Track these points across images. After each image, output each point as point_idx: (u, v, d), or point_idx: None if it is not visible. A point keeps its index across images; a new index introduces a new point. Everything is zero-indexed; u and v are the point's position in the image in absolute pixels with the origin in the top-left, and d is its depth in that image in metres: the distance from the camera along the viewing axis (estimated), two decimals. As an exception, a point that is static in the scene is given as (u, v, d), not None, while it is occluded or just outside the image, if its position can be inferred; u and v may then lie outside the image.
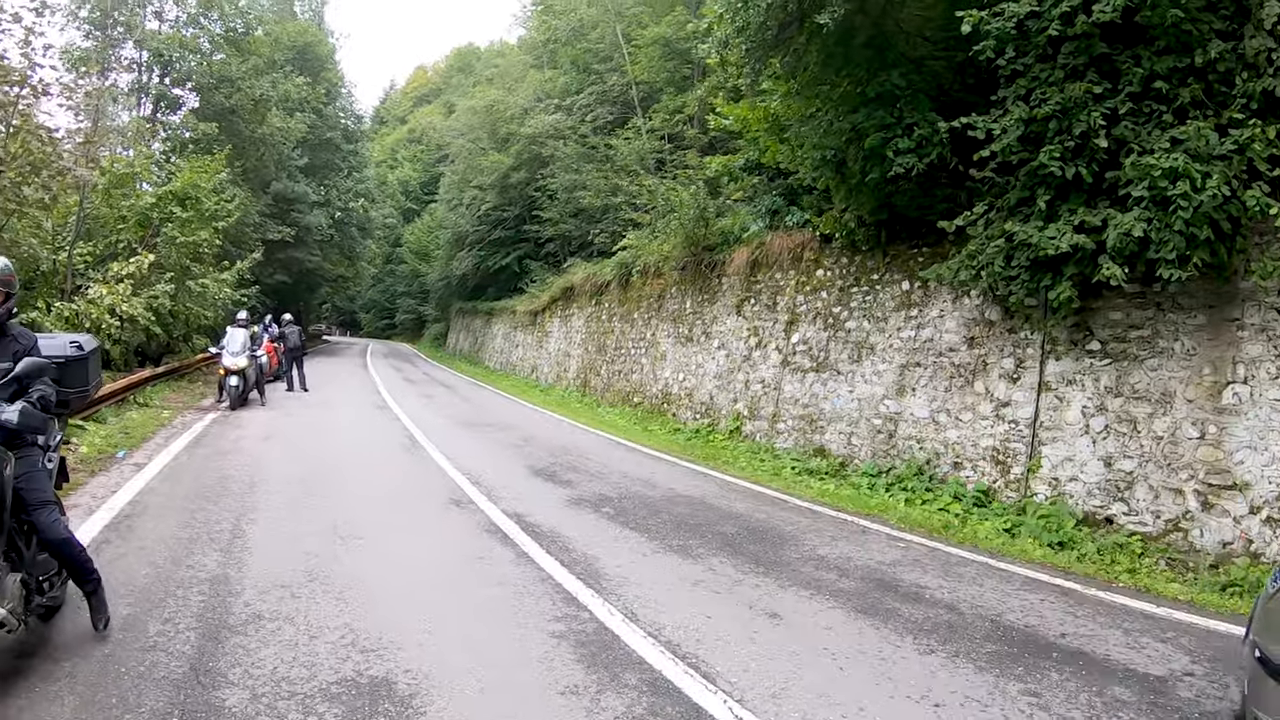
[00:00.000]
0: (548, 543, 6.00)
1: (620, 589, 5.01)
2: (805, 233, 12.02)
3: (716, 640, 4.25)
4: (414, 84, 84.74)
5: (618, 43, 23.68)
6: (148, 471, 8.02)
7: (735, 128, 13.60)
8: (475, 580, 5.12)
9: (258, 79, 24.59)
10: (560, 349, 22.61)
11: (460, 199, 36.16)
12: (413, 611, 4.48)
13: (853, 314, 10.51)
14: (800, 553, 6.11)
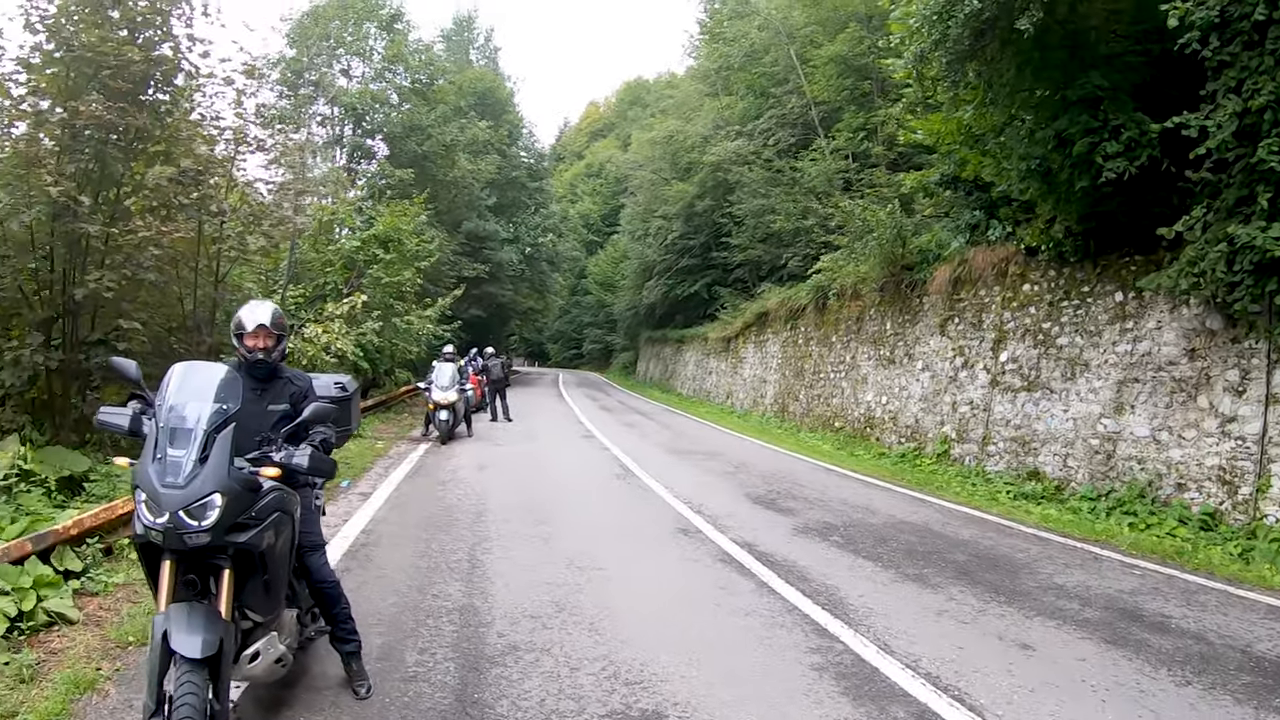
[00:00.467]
0: (784, 572, 6.29)
1: (868, 619, 5.20)
2: (1008, 246, 12.30)
3: (974, 672, 4.39)
4: (587, 120, 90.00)
5: (792, 64, 24.60)
6: (374, 501, 8.84)
7: (927, 142, 14.06)
8: (723, 610, 5.37)
9: (445, 126, 27.87)
10: (756, 374, 23.62)
11: (644, 229, 38.33)
12: (668, 643, 4.72)
13: (1063, 329, 10.73)
14: (1037, 581, 6.27)
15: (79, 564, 5.73)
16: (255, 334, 3.91)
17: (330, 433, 3.84)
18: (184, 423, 3.23)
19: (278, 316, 3.98)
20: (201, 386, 3.36)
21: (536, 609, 5.29)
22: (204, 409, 3.26)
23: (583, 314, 64.07)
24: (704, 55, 34.05)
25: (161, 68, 9.50)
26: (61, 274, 9.07)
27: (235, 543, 3.17)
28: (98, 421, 3.52)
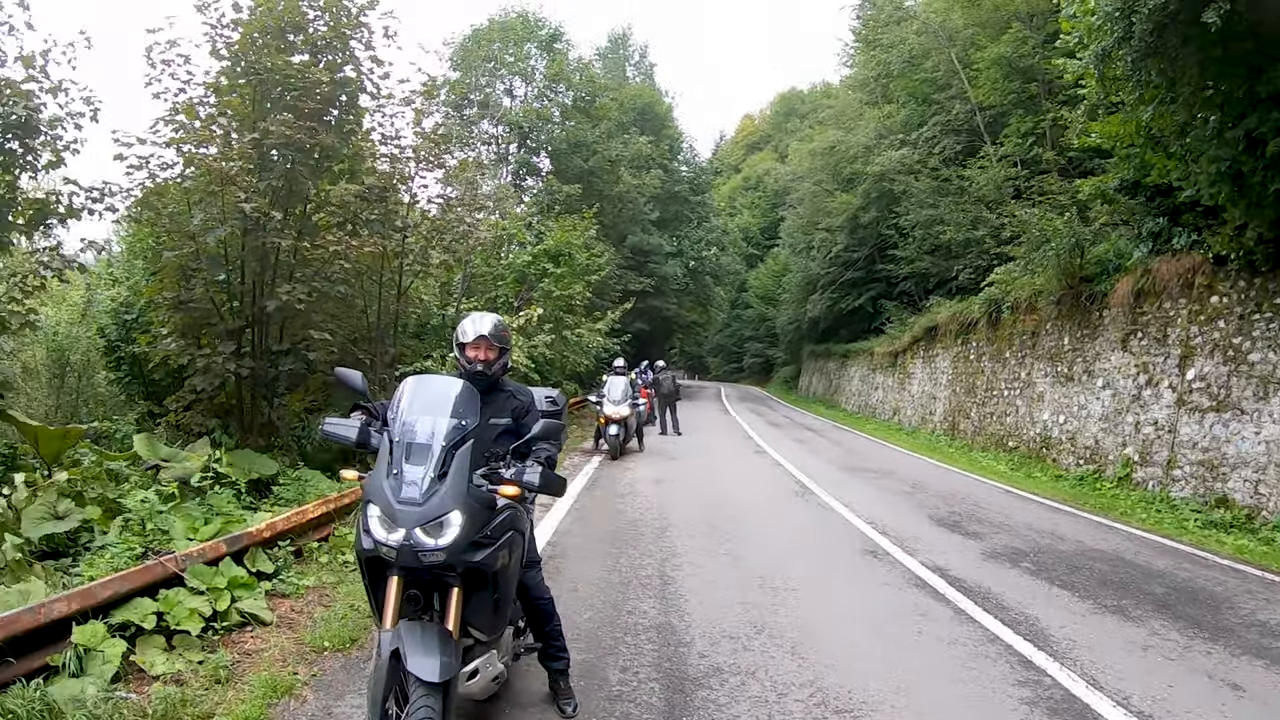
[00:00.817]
0: (980, 599, 6.34)
1: (1072, 652, 5.20)
2: (1194, 255, 12.00)
3: (1187, 712, 4.37)
4: (743, 132, 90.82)
5: (954, 68, 24.36)
6: (555, 514, 9.16)
7: (1105, 145, 13.86)
8: (925, 638, 5.44)
9: (609, 141, 29.52)
10: (924, 391, 23.53)
11: (807, 242, 38.62)
12: (872, 670, 4.78)
13: (1255, 344, 10.46)
14: (1239, 617, 6.16)
15: (270, 566, 6.03)
16: (476, 345, 3.91)
17: (554, 449, 3.80)
18: (421, 437, 3.30)
19: (500, 328, 3.98)
20: (437, 400, 3.44)
21: (734, 629, 5.42)
22: (441, 424, 3.33)
23: (743, 328, 64.75)
24: (861, 63, 34.03)
25: (346, 89, 10.14)
26: (252, 286, 9.80)
27: (470, 562, 3.19)
28: (323, 432, 3.53)
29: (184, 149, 9.44)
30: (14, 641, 3.95)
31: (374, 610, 3.34)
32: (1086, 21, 10.28)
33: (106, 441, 10.01)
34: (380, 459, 3.31)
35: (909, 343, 25.25)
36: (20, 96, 8.13)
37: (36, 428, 8.01)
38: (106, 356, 13.84)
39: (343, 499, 7.54)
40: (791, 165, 54.70)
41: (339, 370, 3.76)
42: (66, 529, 5.98)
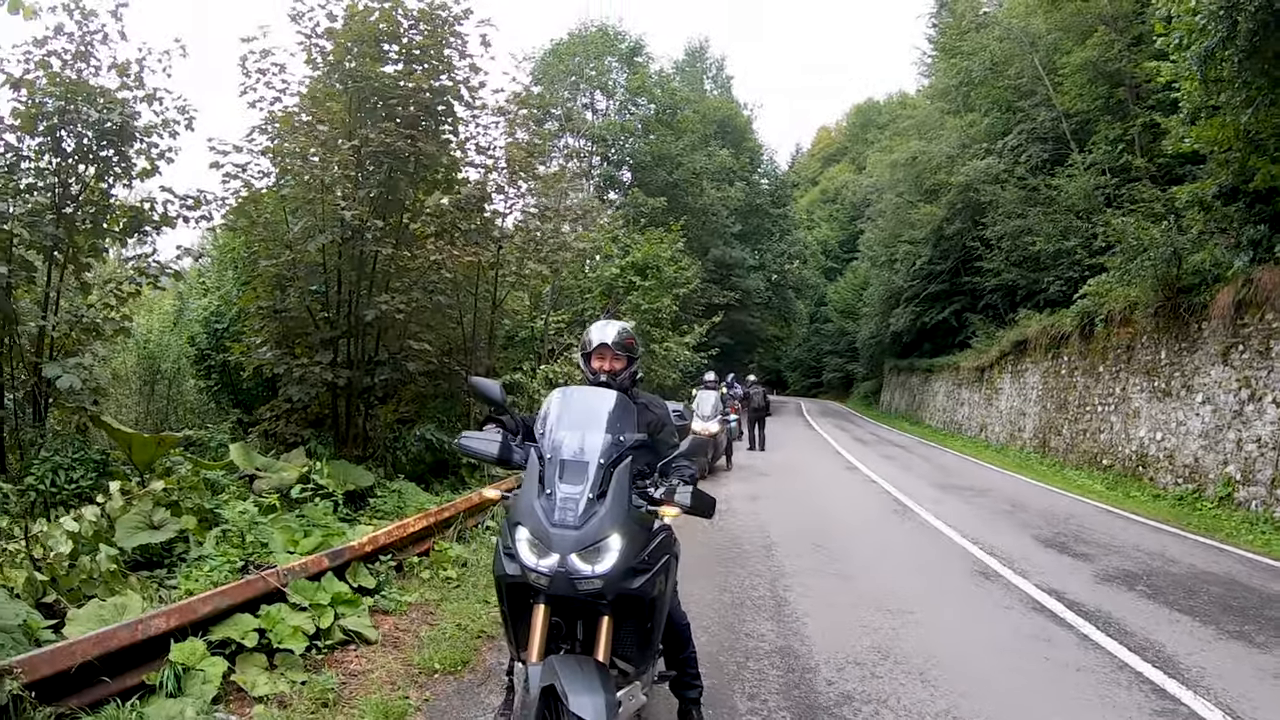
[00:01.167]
0: (1101, 624, 6.22)
1: (1203, 680, 5.10)
2: (1302, 265, 11.68)
3: None
4: (819, 145, 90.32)
5: (1038, 74, 23.92)
6: None
7: (1202, 150, 13.53)
8: (1053, 664, 5.35)
9: (693, 154, 29.79)
10: (1013, 406, 23.04)
11: (889, 255, 38.23)
12: (1006, 699, 4.72)
13: (1369, 359, 10.10)
14: None
15: (372, 581, 5.88)
16: (600, 354, 3.73)
17: (695, 467, 3.51)
18: (575, 454, 3.10)
19: (624, 336, 3.78)
20: (590, 414, 3.26)
21: (858, 654, 5.34)
22: (595, 439, 3.14)
23: (821, 342, 64.15)
24: (940, 72, 33.68)
25: (443, 97, 10.16)
26: (349, 295, 9.78)
27: (628, 589, 2.95)
28: (461, 447, 3.35)
29: (280, 157, 9.57)
30: (109, 658, 3.78)
31: (510, 639, 3.18)
32: (1189, 22, 10.14)
33: (200, 449, 10.07)
34: (529, 478, 3.09)
35: (996, 357, 24.76)
36: (115, 104, 8.25)
37: (131, 434, 7.95)
38: (197, 365, 14.02)
39: (442, 512, 7.53)
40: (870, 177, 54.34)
41: (474, 380, 3.74)
42: (162, 539, 5.88)
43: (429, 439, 10.47)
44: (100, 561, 5.07)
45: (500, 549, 3.09)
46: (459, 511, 7.72)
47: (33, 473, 7.20)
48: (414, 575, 6.57)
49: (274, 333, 10.12)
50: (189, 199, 9.13)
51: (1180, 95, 14.10)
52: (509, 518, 3.10)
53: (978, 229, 27.49)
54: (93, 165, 8.53)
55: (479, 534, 7.97)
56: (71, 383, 7.59)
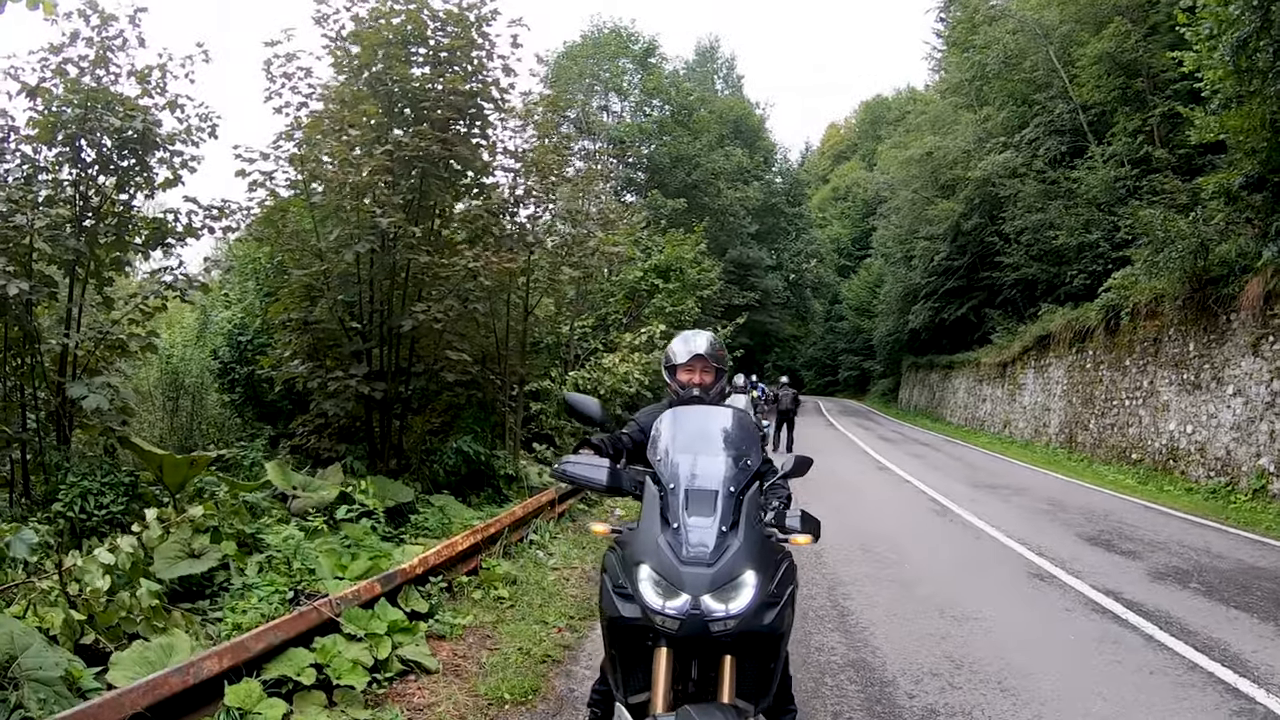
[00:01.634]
0: (1163, 623, 6.23)
1: (1274, 678, 5.11)
2: (1334, 255, 11.71)
3: None
4: (829, 142, 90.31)
5: (1054, 66, 23.91)
6: None
7: (1230, 140, 13.52)
8: (1125, 668, 5.33)
9: (711, 154, 29.84)
10: (1037, 402, 23.04)
11: (904, 252, 38.25)
12: (1089, 705, 4.69)
13: (1406, 348, 10.12)
14: None
15: (425, 605, 5.60)
16: (690, 367, 3.54)
17: (789, 488, 3.31)
18: (700, 481, 2.81)
19: (716, 347, 3.60)
20: (707, 435, 3.04)
21: (933, 665, 5.27)
22: (719, 464, 2.88)
23: (836, 340, 64.13)
24: (953, 66, 33.67)
25: (475, 100, 9.87)
26: (382, 305, 9.45)
27: (760, 627, 2.67)
28: (564, 474, 3.02)
29: (310, 163, 9.17)
30: (160, 706, 3.52)
31: (616, 682, 2.90)
32: (1220, 13, 10.12)
33: (232, 469, 9.68)
34: (648, 510, 2.80)
35: (1019, 352, 24.77)
36: (137, 111, 7.94)
37: (162, 455, 7.54)
38: (220, 379, 13.74)
39: (488, 529, 7.32)
40: (883, 173, 54.32)
41: (571, 396, 3.44)
42: (203, 569, 5.58)
43: (465, 451, 10.37)
44: (141, 597, 4.71)
45: (609, 588, 2.81)
46: (504, 526, 7.61)
47: (60, 499, 6.83)
48: (465, 596, 6.30)
49: (304, 345, 9.80)
50: (213, 209, 8.83)
51: (1203, 85, 14.13)
52: (625, 554, 2.81)
53: (996, 224, 27.52)
54: (113, 176, 8.26)
55: (524, 549, 7.88)
56: (98, 403, 7.30)
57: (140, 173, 8.39)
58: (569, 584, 7.06)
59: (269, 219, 9.40)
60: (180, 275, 8.78)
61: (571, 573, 7.47)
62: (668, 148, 28.92)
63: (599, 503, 10.99)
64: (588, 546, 8.35)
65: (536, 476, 11.36)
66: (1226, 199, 14.32)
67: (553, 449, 14.13)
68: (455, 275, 9.53)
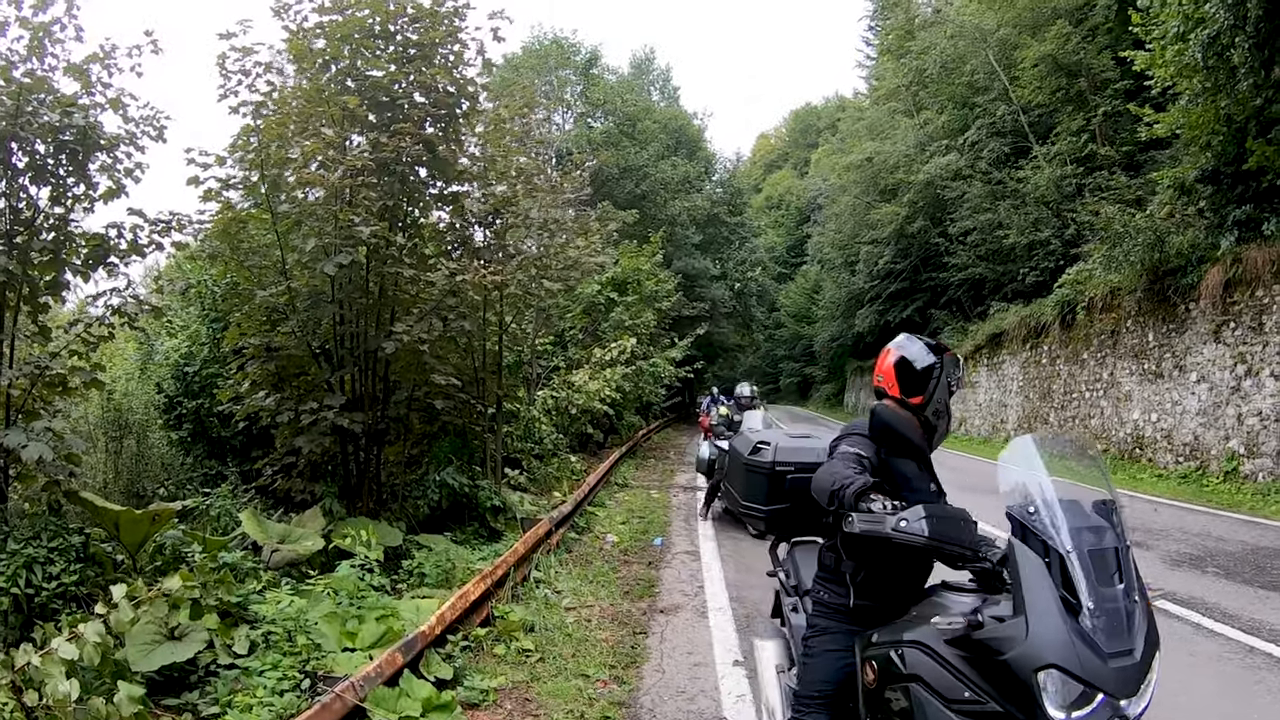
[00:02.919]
0: (1205, 610, 6.37)
1: None
2: (1289, 242, 12.19)
3: None
4: (760, 152, 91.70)
5: (994, 70, 24.62)
6: (706, 559, 8.82)
7: (1184, 134, 14.00)
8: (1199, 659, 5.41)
9: (659, 164, 29.76)
10: (993, 399, 23.54)
11: (846, 257, 38.87)
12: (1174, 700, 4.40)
13: (1373, 327, 10.55)
14: None
15: (449, 670, 5.03)
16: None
17: None
18: (1095, 538, 2.27)
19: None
20: (1073, 470, 2.52)
21: None
22: (1093, 511, 2.38)
23: (776, 347, 64.86)
24: (889, 73, 34.46)
25: (454, 98, 9.05)
26: (358, 326, 8.45)
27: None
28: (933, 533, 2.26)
29: (275, 166, 8.29)
30: None
31: None
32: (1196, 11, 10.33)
33: (197, 519, 8.52)
34: (1034, 585, 2.17)
35: (970, 350, 25.24)
36: (76, 108, 6.86)
37: (118, 511, 6.56)
38: (165, 415, 12.32)
39: (496, 571, 6.75)
40: (816, 179, 55.28)
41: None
42: (187, 654, 4.69)
43: (450, 483, 9.49)
44: (120, 703, 3.89)
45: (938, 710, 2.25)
46: (509, 567, 7.12)
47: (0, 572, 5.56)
48: (486, 652, 5.70)
49: (266, 375, 8.62)
50: (160, 222, 7.56)
51: (1153, 83, 14.66)
52: (1033, 662, 2.08)
53: (941, 225, 28.13)
54: (48, 185, 7.07)
55: (531, 590, 7.31)
56: (40, 451, 6.09)
57: (79, 181, 7.15)
58: (592, 626, 6.49)
59: (226, 232, 8.35)
60: (129, 298, 7.55)
61: (590, 612, 6.90)
62: (616, 158, 28.75)
63: (588, 529, 10.58)
64: (597, 580, 7.92)
65: (519, 504, 10.54)
66: (1180, 192, 14.82)
67: (524, 473, 13.34)
68: (435, 291, 8.76)
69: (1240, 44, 9.59)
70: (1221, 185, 13.95)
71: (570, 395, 15.71)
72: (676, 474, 17.72)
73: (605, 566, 8.46)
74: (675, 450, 23.80)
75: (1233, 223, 13.51)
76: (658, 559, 8.96)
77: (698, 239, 35.51)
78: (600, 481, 13.99)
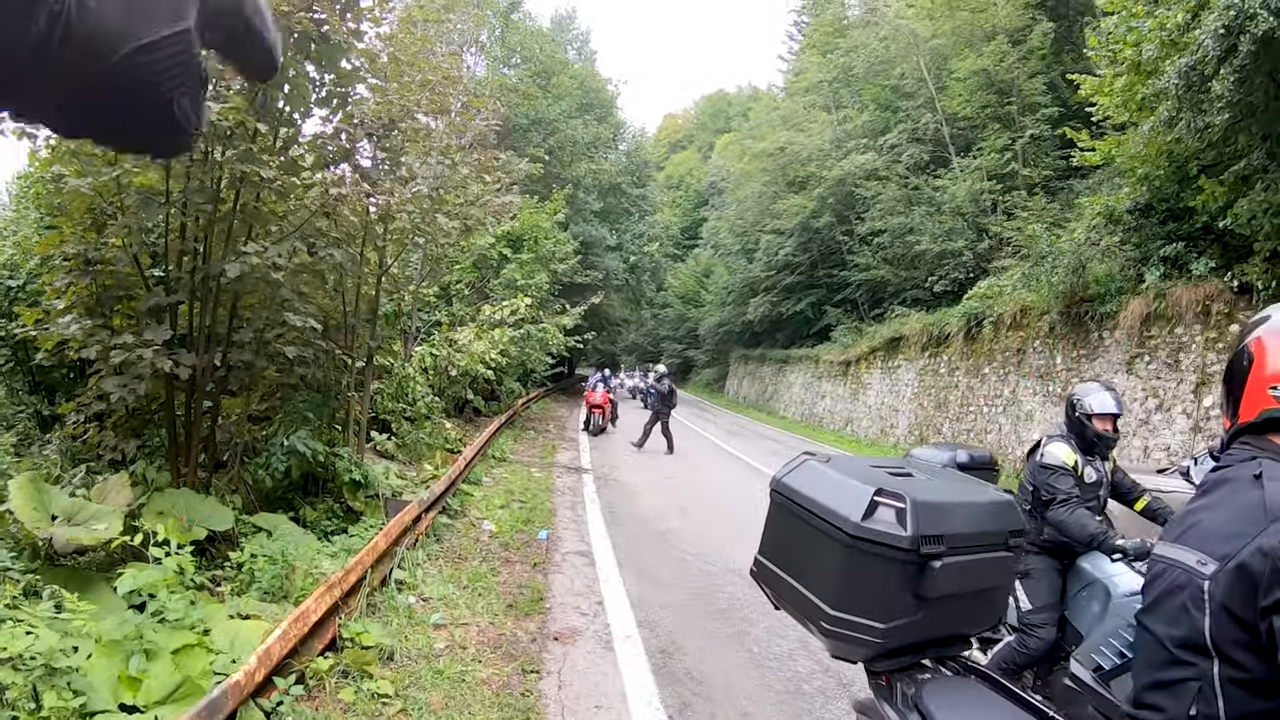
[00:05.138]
0: None
1: None
2: (1214, 283, 12.14)
3: None
4: (665, 131, 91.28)
5: (923, 77, 24.48)
6: (603, 564, 7.60)
7: (1125, 163, 13.86)
8: None
9: (570, 121, 28.23)
10: (883, 402, 23.48)
11: (743, 244, 38.52)
12: None
13: (1299, 377, 10.51)
14: None
15: None
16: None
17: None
18: None
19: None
20: None
21: None
22: None
23: (659, 326, 64.49)
24: (812, 67, 34.12)
25: None
26: (199, 241, 6.90)
27: None
28: None
29: None
30: None
31: None
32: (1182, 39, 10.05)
33: None
34: None
35: (865, 351, 25.17)
36: None
37: None
38: None
39: (348, 577, 5.17)
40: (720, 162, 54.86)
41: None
42: None
43: (301, 450, 7.66)
44: None
45: None
46: (366, 569, 5.55)
47: None
48: (328, 696, 4.19)
49: (85, 294, 6.91)
50: None
51: (1095, 110, 14.51)
52: None
53: (847, 224, 27.97)
54: None
55: (391, 597, 5.76)
56: None
57: None
58: (469, 656, 5.08)
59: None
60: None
61: (466, 633, 5.49)
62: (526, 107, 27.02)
63: (461, 513, 9.20)
64: (474, 585, 6.52)
65: (384, 478, 8.95)
66: (1109, 220, 14.72)
67: (392, 438, 11.99)
68: (304, 209, 7.25)
69: (1225, 75, 9.26)
70: (1151, 219, 13.91)
71: (451, 355, 14.17)
72: (558, 450, 16.37)
73: (483, 566, 7.16)
74: (556, 424, 22.47)
75: (1159, 258, 13.46)
76: (544, 559, 7.69)
77: (598, 206, 34.19)
78: (477, 454, 12.55)
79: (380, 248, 9.46)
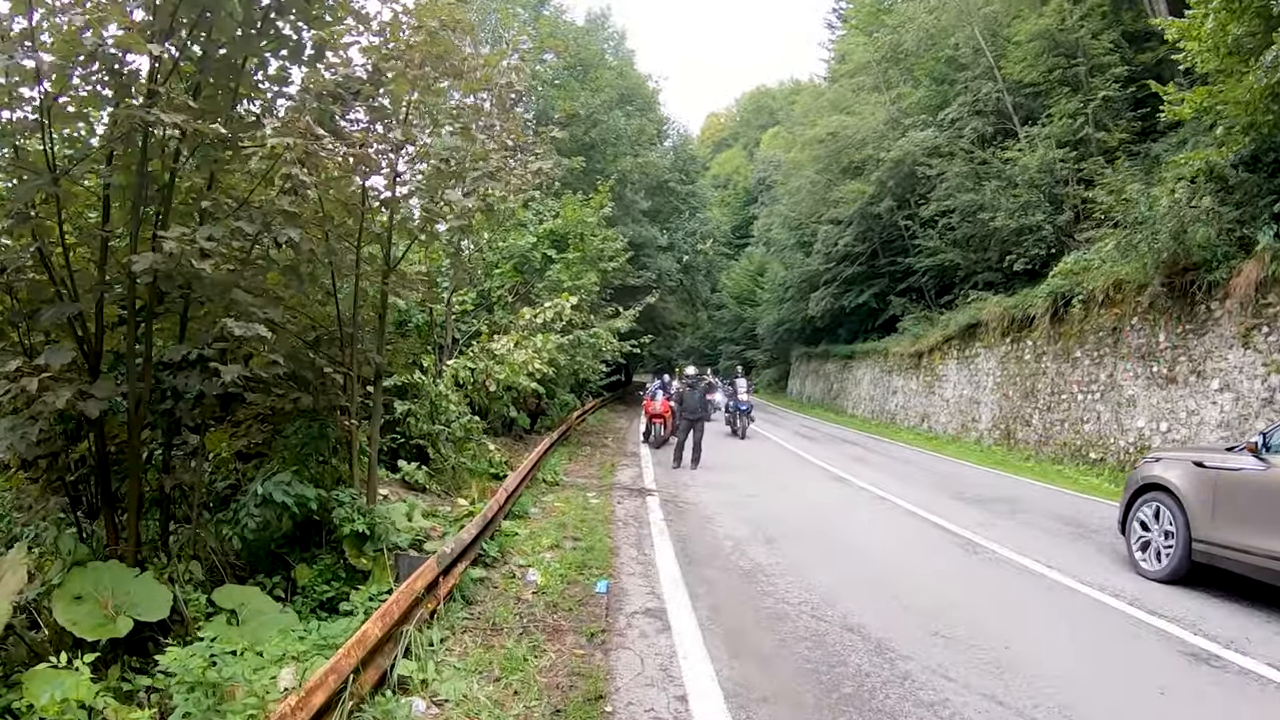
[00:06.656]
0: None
1: None
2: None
3: None
4: (709, 131, 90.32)
5: (980, 46, 23.02)
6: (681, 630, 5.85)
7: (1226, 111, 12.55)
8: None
9: (611, 113, 27.36)
10: (962, 395, 22.09)
11: (799, 238, 37.24)
12: None
13: None
14: None
15: None
16: None
17: None
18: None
19: None
20: None
21: None
22: None
23: (716, 329, 63.31)
24: (858, 49, 32.78)
25: None
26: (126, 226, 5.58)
27: None
28: None
29: None
30: None
31: None
32: None
33: None
34: None
35: (939, 341, 23.82)
36: None
37: None
38: None
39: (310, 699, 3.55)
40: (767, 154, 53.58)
41: None
42: None
43: (283, 500, 6.15)
44: None
45: None
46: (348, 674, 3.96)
47: None
48: None
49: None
50: None
51: (1182, 57, 13.20)
52: None
53: (908, 207, 26.65)
54: None
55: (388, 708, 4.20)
56: None
57: None
58: None
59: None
60: None
61: None
62: (564, 95, 26.13)
63: (501, 560, 7.81)
64: (506, 676, 4.96)
65: (402, 521, 7.52)
66: (1209, 178, 13.32)
67: (424, 468, 10.66)
68: (250, 179, 5.88)
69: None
70: (1260, 172, 12.53)
71: (490, 366, 12.64)
72: (618, 468, 14.95)
73: (523, 643, 5.53)
74: (614, 436, 21.44)
75: (1270, 216, 12.10)
76: (604, 625, 5.96)
77: (646, 205, 33.23)
78: (523, 481, 11.09)
79: (384, 237, 7.69)
